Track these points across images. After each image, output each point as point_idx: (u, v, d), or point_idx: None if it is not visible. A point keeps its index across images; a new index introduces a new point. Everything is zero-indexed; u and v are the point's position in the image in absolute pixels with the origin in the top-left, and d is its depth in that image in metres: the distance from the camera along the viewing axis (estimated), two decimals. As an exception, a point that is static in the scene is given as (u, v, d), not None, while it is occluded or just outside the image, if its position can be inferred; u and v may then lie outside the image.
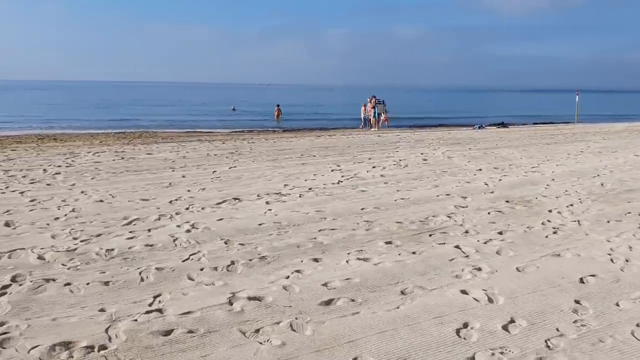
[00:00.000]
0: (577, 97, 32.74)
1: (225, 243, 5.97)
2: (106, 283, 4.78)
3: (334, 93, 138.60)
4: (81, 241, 6.00)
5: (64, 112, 42.89)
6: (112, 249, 5.71)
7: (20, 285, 4.71)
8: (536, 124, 30.56)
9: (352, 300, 4.36)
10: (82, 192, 8.66)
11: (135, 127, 29.02)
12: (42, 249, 5.71)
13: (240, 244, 5.94)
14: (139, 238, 6.13)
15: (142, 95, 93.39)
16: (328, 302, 4.31)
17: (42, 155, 13.56)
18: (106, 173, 10.41)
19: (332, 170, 10.80)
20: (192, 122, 33.60)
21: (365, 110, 27.39)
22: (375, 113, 26.50)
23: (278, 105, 40.47)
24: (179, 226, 6.64)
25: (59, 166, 11.35)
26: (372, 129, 26.18)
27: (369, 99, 27.34)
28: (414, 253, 5.57)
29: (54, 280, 4.85)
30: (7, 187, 8.92)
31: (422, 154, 13.79)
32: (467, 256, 5.47)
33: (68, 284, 4.76)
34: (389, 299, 4.38)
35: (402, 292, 4.52)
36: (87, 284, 4.77)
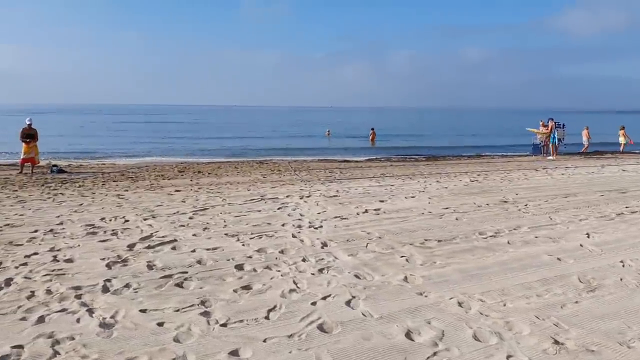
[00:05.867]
0: None
1: None
2: None
3: (407, 115, 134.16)
4: None
5: (160, 138, 40.15)
6: None
7: None
8: None
9: None
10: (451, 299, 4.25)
11: (256, 155, 25.52)
12: None
13: None
14: None
15: (221, 119, 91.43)
16: None
17: (233, 202, 9.53)
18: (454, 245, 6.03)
19: None
20: (305, 148, 29.79)
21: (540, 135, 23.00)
22: (554, 138, 21.86)
23: (373, 129, 38.95)
24: None
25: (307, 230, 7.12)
26: (548, 157, 21.56)
27: (541, 123, 22.78)
28: None
29: None
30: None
31: None
32: None
33: None
34: None
35: None
36: None
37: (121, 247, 6.29)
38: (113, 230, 7.21)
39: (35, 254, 5.94)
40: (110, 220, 7.93)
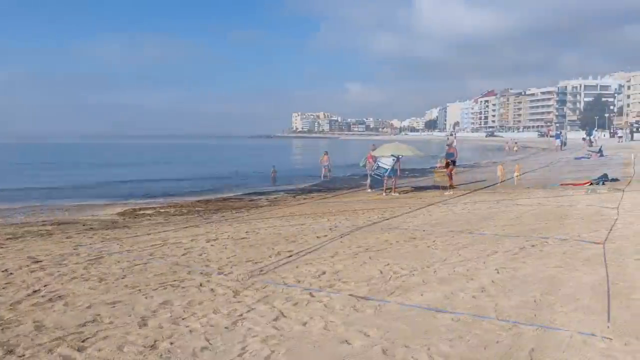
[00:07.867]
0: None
1: None
2: None
3: None
4: None
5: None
6: None
7: None
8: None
9: None
10: None
11: (148, 197, 22.53)
12: None
13: None
14: None
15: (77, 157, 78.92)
16: None
17: (132, 248, 8.85)
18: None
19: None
20: (202, 185, 27.05)
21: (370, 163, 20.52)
22: (388, 170, 19.60)
23: None
24: None
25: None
26: (387, 190, 19.58)
27: (371, 147, 21.02)
28: None
29: None
30: None
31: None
32: None
33: None
34: None
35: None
36: None
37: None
38: (-8, 286, 6.32)
39: None
40: (-11, 274, 6.98)
